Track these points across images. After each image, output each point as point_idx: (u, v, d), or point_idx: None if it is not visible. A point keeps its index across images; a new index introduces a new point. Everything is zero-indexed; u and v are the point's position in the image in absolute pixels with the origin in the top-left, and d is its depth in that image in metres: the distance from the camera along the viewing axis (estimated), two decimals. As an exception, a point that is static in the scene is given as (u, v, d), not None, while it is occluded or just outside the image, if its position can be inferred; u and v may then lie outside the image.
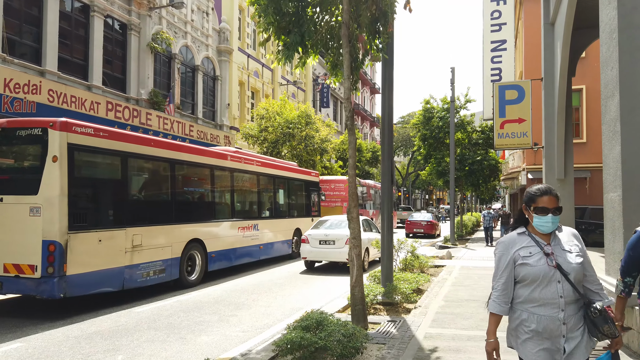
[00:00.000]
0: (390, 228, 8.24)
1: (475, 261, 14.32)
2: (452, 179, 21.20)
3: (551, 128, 13.35)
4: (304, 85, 35.97)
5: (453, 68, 21.94)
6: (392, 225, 8.27)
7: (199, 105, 22.82)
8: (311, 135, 22.61)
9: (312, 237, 12.83)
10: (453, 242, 20.92)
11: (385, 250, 8.19)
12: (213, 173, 11.52)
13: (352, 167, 6.31)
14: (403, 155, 76.29)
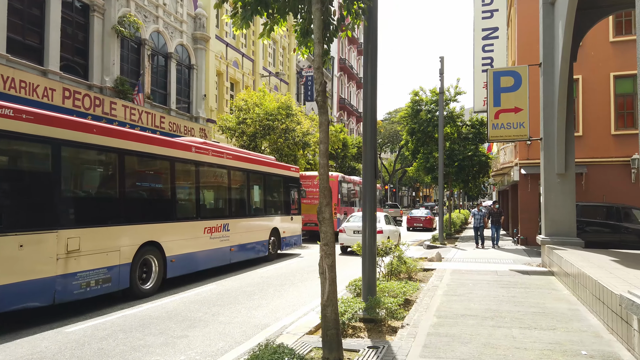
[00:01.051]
0: (373, 228, 6.96)
1: (467, 263, 13.14)
2: (440, 175, 20.03)
3: (550, 118, 12.20)
4: (287, 77, 34.57)
5: (442, 57, 20.75)
6: (375, 227, 6.99)
7: (172, 95, 21.32)
8: (292, 128, 21.25)
9: (348, 228, 17.13)
10: (442, 241, 19.78)
11: (368, 255, 6.91)
12: (174, 166, 10.12)
13: (323, 155, 5.00)
14: (390, 152, 75.30)
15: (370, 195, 6.99)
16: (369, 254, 6.93)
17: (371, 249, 6.94)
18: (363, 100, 7.01)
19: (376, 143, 7.08)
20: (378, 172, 7.01)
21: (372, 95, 7.01)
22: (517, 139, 13.07)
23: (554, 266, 10.74)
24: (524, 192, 19.07)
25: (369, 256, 6.92)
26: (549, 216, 12.11)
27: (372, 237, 6.94)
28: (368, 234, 6.95)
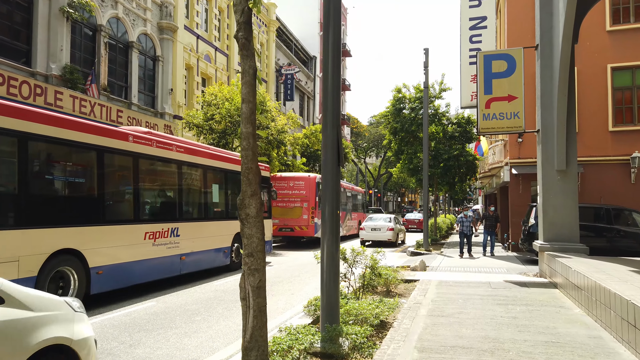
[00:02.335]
0: (335, 234, 5.29)
1: (455, 273, 11.54)
2: (425, 175, 18.49)
3: (549, 107, 10.70)
4: (266, 75, 32.89)
5: (427, 49, 19.28)
6: (338, 230, 5.32)
7: (133, 88, 19.46)
8: (265, 125, 19.53)
9: (367, 226, 21.75)
10: (427, 248, 18.20)
11: (327, 268, 5.24)
12: (102, 157, 8.33)
13: (247, 120, 3.34)
14: (375, 156, 74.00)
15: (332, 187, 5.33)
16: (329, 266, 5.25)
17: (332, 259, 5.26)
18: (323, 61, 5.37)
19: (339, 119, 5.42)
20: (343, 156, 5.34)
21: (333, 47, 5.36)
22: (511, 131, 11.56)
23: (556, 277, 9.18)
24: (515, 194, 17.61)
25: (328, 268, 5.24)
26: (548, 219, 10.59)
27: (334, 243, 5.27)
28: (327, 240, 5.27)
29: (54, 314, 3.31)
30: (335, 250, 5.29)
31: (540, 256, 10.86)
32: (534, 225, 13.44)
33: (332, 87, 5.30)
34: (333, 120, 5.32)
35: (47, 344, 3.13)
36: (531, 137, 17.19)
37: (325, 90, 5.33)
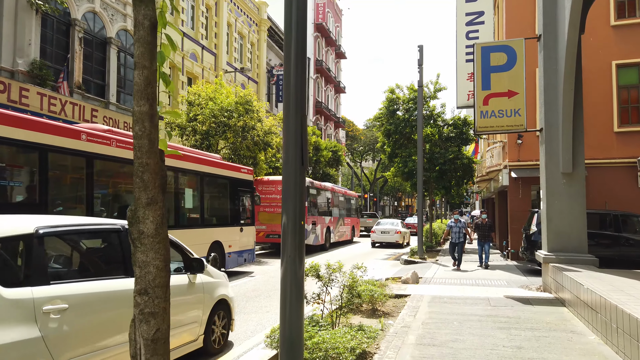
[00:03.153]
0: (299, 249, 4.24)
1: (450, 287, 10.50)
2: (419, 179, 17.47)
3: (553, 103, 9.70)
4: (256, 76, 31.90)
5: (421, 46, 18.30)
6: (302, 245, 4.28)
7: (111, 87, 18.41)
8: (251, 125, 18.49)
9: (377, 230, 24.51)
10: (421, 256, 17.16)
11: (288, 294, 4.19)
12: (46, 158, 7.27)
13: (142, 96, 2.30)
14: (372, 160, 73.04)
15: (295, 192, 4.28)
16: (291, 290, 4.19)
17: (295, 281, 4.20)
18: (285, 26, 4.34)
19: (305, 107, 4.39)
20: (306, 154, 4.29)
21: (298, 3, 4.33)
22: (512, 130, 10.55)
23: (563, 292, 8.16)
24: (514, 199, 16.61)
25: (290, 293, 4.18)
26: (553, 227, 9.58)
27: (297, 261, 4.22)
28: (289, 256, 4.22)
29: (222, 281, 6.04)
30: (299, 268, 4.24)
31: (544, 268, 9.84)
32: (536, 232, 12.43)
33: (295, 61, 4.27)
34: (297, 108, 4.28)
35: (220, 297, 5.81)
36: (531, 138, 16.21)
37: (287, 66, 4.30)
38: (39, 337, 3.41)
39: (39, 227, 3.75)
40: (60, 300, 3.64)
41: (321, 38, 46.78)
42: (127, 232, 3.57)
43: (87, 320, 3.88)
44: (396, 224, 25.32)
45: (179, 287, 5.13)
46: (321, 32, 46.12)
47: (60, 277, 4.03)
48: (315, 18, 45.18)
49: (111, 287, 4.17)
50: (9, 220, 3.91)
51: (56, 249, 4.27)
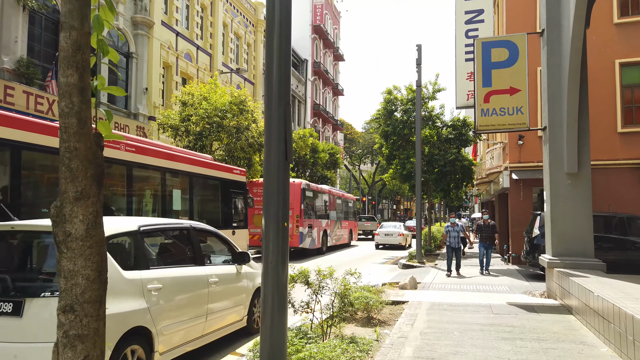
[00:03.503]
0: (282, 254, 3.79)
1: (449, 292, 10.05)
2: (418, 181, 17.03)
3: (557, 100, 9.27)
4: (252, 77, 31.50)
5: (419, 45, 17.91)
6: (286, 249, 3.82)
7: (102, 86, 17.94)
8: (245, 126, 18.05)
9: (381, 232, 25.58)
10: (420, 260, 16.70)
11: (270, 303, 3.74)
12: (18, 155, 6.82)
13: (69, 64, 1.87)
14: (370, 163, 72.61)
15: (279, 192, 3.84)
16: (274, 299, 3.74)
17: (277, 289, 3.76)
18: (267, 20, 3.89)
19: (289, 94, 3.95)
20: (290, 148, 3.85)
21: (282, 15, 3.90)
22: (514, 129, 10.11)
23: (570, 299, 7.70)
24: (515, 201, 16.17)
25: (272, 302, 3.74)
26: (557, 230, 9.13)
27: (280, 267, 3.77)
28: (272, 262, 3.78)
29: (259, 272, 6.38)
30: (282, 275, 3.79)
31: (548, 273, 9.39)
32: (539, 236, 11.99)
33: (279, 43, 3.83)
34: (279, 96, 3.85)
35: (258, 285, 6.55)
36: (533, 139, 15.79)
37: (269, 50, 3.86)
38: (146, 308, 4.45)
39: (140, 225, 4.85)
40: (157, 281, 4.69)
41: (319, 40, 46.44)
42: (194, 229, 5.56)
43: (174, 297, 4.92)
44: (399, 227, 26.68)
45: (230, 275, 6.14)
46: (319, 33, 45.78)
47: (154, 263, 4.98)
48: (312, 20, 44.86)
49: (186, 273, 5.30)
50: (119, 220, 5.56)
51: (150, 242, 5.21)
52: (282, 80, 3.86)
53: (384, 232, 25.81)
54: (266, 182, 3.86)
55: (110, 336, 3.79)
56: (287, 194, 3.87)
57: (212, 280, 5.54)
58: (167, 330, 4.70)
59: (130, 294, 4.34)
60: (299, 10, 44.42)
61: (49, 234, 4.03)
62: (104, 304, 1.88)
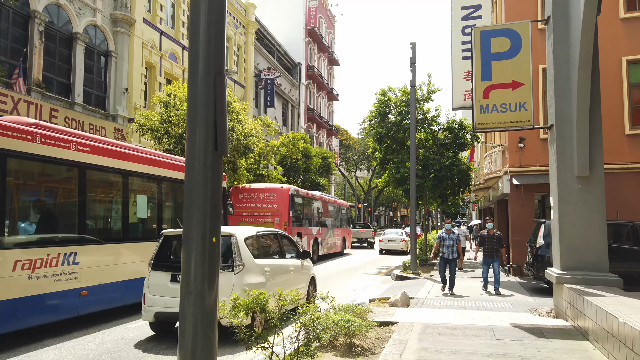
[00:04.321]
0: (210, 276, 2.73)
1: (445, 310, 8.97)
2: (412, 185, 15.99)
3: (566, 95, 8.28)
4: (243, 80, 30.50)
5: (414, 43, 16.94)
6: (214, 269, 2.76)
7: (76, 86, 16.91)
8: (228, 127, 16.95)
9: (384, 238, 27.71)
10: (415, 270, 15.61)
11: (191, 340, 2.66)
12: None
13: None
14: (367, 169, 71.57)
15: (205, 193, 2.78)
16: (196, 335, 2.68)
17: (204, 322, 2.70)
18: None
19: (222, 65, 2.90)
20: (223, 135, 2.77)
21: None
22: (517, 127, 9.08)
23: (584, 321, 6.64)
24: (516, 208, 15.13)
25: (194, 341, 2.67)
26: (567, 240, 8.10)
27: (207, 292, 2.71)
28: (194, 286, 2.72)
29: (312, 266, 9.85)
30: (209, 305, 2.73)
31: (556, 289, 8.32)
32: (543, 246, 10.95)
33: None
34: (209, 58, 2.81)
35: (312, 275, 9.55)
36: (534, 141, 14.79)
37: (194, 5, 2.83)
38: (264, 282, 7.23)
39: (258, 231, 8.12)
40: (267, 266, 7.58)
41: (313, 44, 45.58)
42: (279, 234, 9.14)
43: (275, 276, 7.71)
44: (401, 233, 28.54)
45: (298, 266, 8.90)
46: (313, 37, 44.93)
47: (264, 255, 7.98)
48: (306, 23, 44.01)
49: (279, 263, 8.25)
50: (246, 228, 8.25)
51: (260, 241, 8.14)
52: (212, 39, 2.81)
53: (387, 238, 27.88)
54: (188, 178, 2.80)
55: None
56: (217, 197, 2.81)
57: (290, 268, 8.57)
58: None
59: (258, 273, 7.33)
60: (292, 13, 43.61)
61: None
62: None
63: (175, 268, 7.02)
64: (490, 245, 11.43)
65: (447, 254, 11.31)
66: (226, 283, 6.61)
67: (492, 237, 11.49)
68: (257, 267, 7.31)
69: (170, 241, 7.50)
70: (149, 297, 7.10)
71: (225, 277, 6.70)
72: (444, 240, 11.47)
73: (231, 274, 6.85)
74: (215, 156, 2.78)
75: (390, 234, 28.72)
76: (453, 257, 11.24)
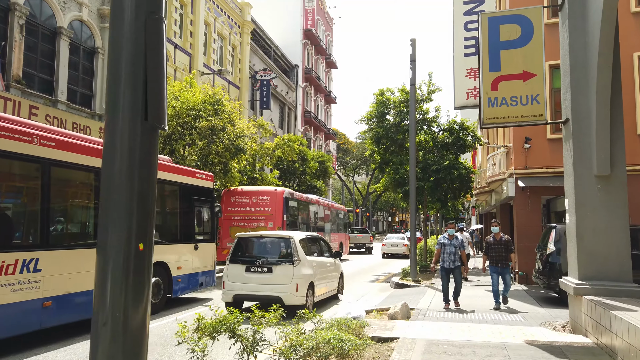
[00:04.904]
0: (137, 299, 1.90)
1: (451, 324, 8.15)
2: (412, 187, 15.20)
3: (583, 86, 7.50)
4: (238, 81, 29.75)
5: (413, 40, 16.19)
6: (145, 289, 1.95)
7: (60, 83, 16.11)
8: (219, 126, 16.20)
9: (387, 243, 28.83)
10: (414, 278, 14.79)
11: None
12: None
13: None
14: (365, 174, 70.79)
15: (132, 173, 1.96)
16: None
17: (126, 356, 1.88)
18: None
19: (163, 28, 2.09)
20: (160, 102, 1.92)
21: None
22: (529, 121, 8.29)
23: (611, 338, 5.83)
24: (521, 212, 14.34)
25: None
26: (585, 247, 7.30)
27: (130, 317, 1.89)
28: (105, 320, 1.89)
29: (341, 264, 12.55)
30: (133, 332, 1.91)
31: (573, 301, 7.51)
32: (555, 253, 10.15)
33: None
34: (138, 3, 2.00)
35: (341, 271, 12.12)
36: (541, 141, 14.03)
37: None
38: (313, 274, 9.56)
39: (307, 234, 10.63)
40: (315, 262, 9.88)
41: (310, 46, 44.92)
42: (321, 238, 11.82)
43: (319, 270, 10.01)
44: (402, 238, 29.78)
45: (332, 264, 11.24)
46: (310, 39, 44.27)
47: (310, 254, 9.99)
48: (304, 24, 43.37)
49: (322, 260, 10.52)
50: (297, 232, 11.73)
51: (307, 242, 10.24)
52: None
53: (390, 242, 29.07)
54: (105, 164, 1.98)
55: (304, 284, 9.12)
56: (149, 189, 2.00)
57: (328, 264, 10.79)
58: (318, 285, 9.83)
59: (309, 266, 9.48)
60: (289, 15, 42.95)
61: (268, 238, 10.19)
62: None
63: (247, 262, 9.48)
64: (499, 252, 9.85)
65: (448, 263, 9.78)
66: (287, 273, 9.05)
67: (500, 243, 9.94)
68: (308, 262, 9.60)
69: (242, 241, 10.02)
70: (228, 283, 9.37)
71: (287, 269, 9.13)
72: (445, 246, 9.93)
73: (291, 266, 9.11)
74: (146, 129, 1.98)
75: (393, 239, 29.82)
76: (456, 265, 9.77)
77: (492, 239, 10.16)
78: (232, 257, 9.48)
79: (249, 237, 10.11)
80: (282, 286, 8.86)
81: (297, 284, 8.93)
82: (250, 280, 9.08)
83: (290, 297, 8.73)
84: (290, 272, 9.03)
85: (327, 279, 10.57)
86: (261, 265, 9.19)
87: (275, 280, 8.95)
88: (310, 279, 9.42)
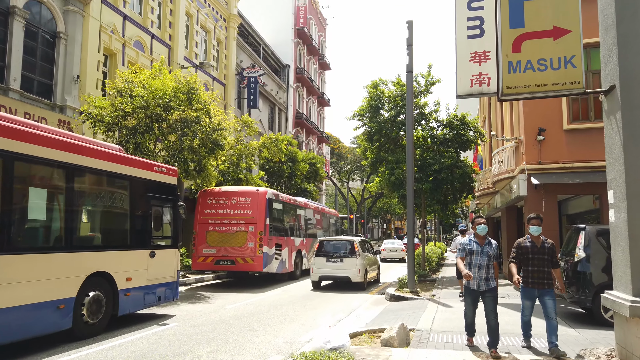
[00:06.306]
0: None
1: (462, 353, 6.31)
2: (410, 188, 13.40)
3: (633, 43, 5.75)
4: (223, 77, 27.99)
5: (410, 22, 14.49)
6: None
7: (12, 69, 14.25)
8: (192, 118, 14.35)
9: (387, 248, 31.05)
10: (412, 289, 12.94)
11: None
12: None
13: None
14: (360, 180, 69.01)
15: None
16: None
17: None
18: None
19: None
20: None
21: None
22: (563, 91, 6.51)
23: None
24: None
25: None
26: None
27: None
28: None
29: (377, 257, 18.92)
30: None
31: (625, 323, 5.71)
32: (584, 260, 8.36)
33: None
34: None
35: (379, 263, 17.99)
36: (556, 133, 12.29)
37: None
38: (366, 264, 15.20)
39: (360, 238, 16.46)
40: (366, 256, 15.43)
41: (302, 45, 43.29)
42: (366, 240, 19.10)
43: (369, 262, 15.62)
44: (399, 243, 31.63)
45: (374, 258, 17.06)
46: (302, 38, 42.65)
47: (363, 251, 15.35)
48: (295, 22, 41.77)
49: (368, 255, 15.92)
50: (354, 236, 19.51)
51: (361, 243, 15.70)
52: None
53: (389, 247, 31.01)
54: None
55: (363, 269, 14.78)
56: None
57: (372, 258, 16.38)
58: (369, 271, 15.59)
59: (364, 259, 14.94)
60: (279, 12, 41.33)
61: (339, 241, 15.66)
62: None
63: (327, 255, 14.74)
64: (540, 265, 6.44)
65: (477, 281, 6.44)
66: (353, 262, 14.39)
67: (542, 251, 6.48)
68: (363, 255, 14.95)
69: (322, 242, 15.44)
70: (315, 269, 14.87)
71: (352, 260, 14.45)
72: (473, 255, 6.52)
73: (355, 258, 14.44)
74: None
75: (392, 244, 31.70)
76: (489, 285, 6.43)
77: (528, 244, 6.61)
78: (317, 253, 14.93)
79: (328, 240, 15.68)
80: (350, 270, 14.43)
81: (359, 269, 14.47)
82: (329, 267, 14.61)
83: (355, 277, 14.46)
84: (354, 261, 14.51)
85: (373, 267, 16.38)
86: (336, 257, 14.57)
87: (345, 267, 14.44)
88: (365, 267, 15.05)
